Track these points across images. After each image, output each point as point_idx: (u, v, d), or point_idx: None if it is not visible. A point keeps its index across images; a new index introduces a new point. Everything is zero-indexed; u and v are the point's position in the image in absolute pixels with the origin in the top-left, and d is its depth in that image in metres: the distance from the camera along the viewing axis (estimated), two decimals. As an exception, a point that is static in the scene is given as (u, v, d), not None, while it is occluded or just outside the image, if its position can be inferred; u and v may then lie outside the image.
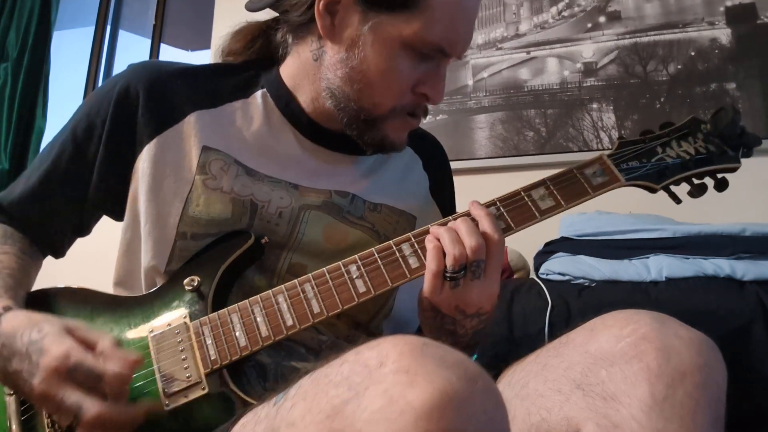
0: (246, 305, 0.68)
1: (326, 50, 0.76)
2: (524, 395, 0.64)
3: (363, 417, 0.41)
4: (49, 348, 0.58)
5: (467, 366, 0.43)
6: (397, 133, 0.78)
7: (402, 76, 0.73)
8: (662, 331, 0.57)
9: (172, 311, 0.69)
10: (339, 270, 0.69)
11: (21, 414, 0.65)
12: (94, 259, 1.53)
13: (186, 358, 0.65)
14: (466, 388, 0.41)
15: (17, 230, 0.80)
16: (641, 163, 0.74)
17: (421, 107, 0.79)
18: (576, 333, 0.64)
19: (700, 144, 0.76)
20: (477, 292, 0.66)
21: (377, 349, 0.44)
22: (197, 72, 0.83)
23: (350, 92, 0.75)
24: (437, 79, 0.76)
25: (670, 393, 0.54)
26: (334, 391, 0.44)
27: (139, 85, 0.77)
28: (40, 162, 0.80)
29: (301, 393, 0.48)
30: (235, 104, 0.81)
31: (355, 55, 0.73)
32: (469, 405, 0.41)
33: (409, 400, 0.40)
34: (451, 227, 0.67)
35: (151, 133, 0.76)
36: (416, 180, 0.90)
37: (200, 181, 0.74)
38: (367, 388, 0.42)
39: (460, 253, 0.64)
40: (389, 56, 0.72)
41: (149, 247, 0.74)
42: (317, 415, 0.44)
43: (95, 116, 0.78)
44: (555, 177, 0.74)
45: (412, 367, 0.41)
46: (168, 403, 0.63)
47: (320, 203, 0.78)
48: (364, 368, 0.44)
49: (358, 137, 0.79)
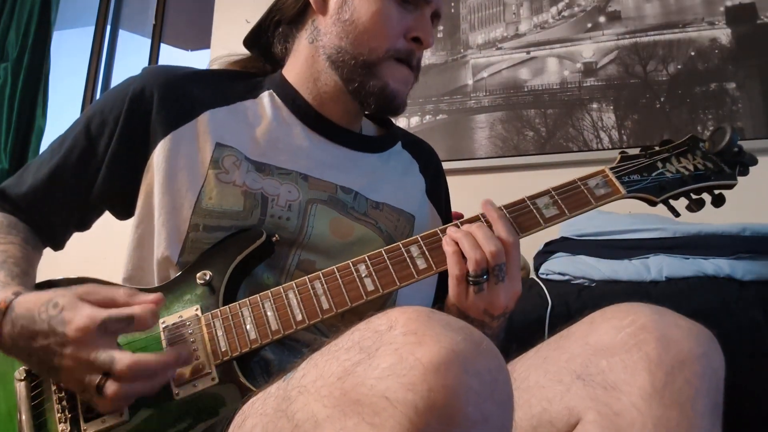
0: (257, 300, 0.70)
1: (319, 26, 0.83)
2: (525, 387, 0.65)
3: (374, 374, 0.43)
4: (71, 317, 0.59)
5: (472, 331, 0.46)
6: (396, 83, 0.82)
7: (391, 17, 0.80)
8: (661, 321, 0.58)
9: (184, 304, 0.71)
10: (348, 268, 0.71)
11: (31, 399, 0.65)
12: (95, 259, 1.53)
13: (197, 350, 0.67)
14: (471, 348, 0.44)
15: (21, 220, 0.81)
16: (642, 177, 0.78)
17: (416, 56, 0.83)
18: (576, 326, 0.66)
19: (698, 161, 0.79)
20: (503, 295, 0.69)
21: (386, 316, 0.47)
22: (208, 75, 0.88)
23: (346, 44, 0.81)
24: (425, 23, 0.82)
25: (669, 381, 0.55)
26: (345, 355, 0.46)
27: (154, 86, 0.80)
28: (50, 155, 0.81)
29: (312, 362, 0.50)
30: (246, 103, 0.85)
31: (346, 11, 0.81)
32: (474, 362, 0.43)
33: (418, 356, 0.42)
34: (468, 232, 0.69)
35: (165, 129, 0.79)
36: (414, 182, 0.94)
37: (213, 175, 0.76)
38: (377, 349, 0.44)
39: (481, 257, 0.67)
40: (375, 1, 0.79)
41: (163, 238, 0.75)
42: (329, 378, 0.46)
43: (109, 113, 0.80)
44: (560, 187, 0.77)
45: (420, 329, 0.44)
46: (178, 393, 0.64)
47: (326, 198, 0.81)
48: (375, 333, 0.46)
49: (359, 90, 0.82)
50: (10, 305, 0.63)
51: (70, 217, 0.83)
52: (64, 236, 0.85)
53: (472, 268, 0.67)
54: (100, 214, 0.86)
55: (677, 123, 1.75)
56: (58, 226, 0.83)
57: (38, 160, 0.83)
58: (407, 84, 0.84)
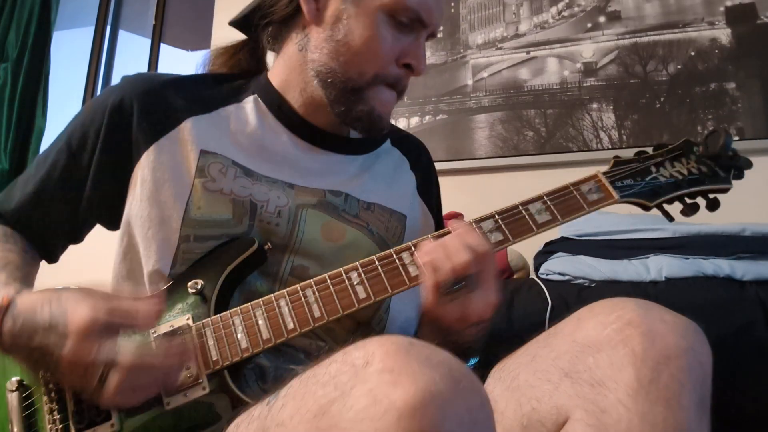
0: (248, 308, 0.69)
1: (311, 36, 0.80)
2: (515, 387, 0.65)
3: (348, 416, 0.41)
4: (73, 314, 0.59)
5: (452, 366, 0.44)
6: (382, 107, 0.81)
7: (385, 42, 0.77)
8: (647, 316, 0.58)
9: (176, 314, 0.70)
10: (340, 276, 0.70)
11: (23, 410, 0.65)
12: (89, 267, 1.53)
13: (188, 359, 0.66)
14: (450, 388, 0.42)
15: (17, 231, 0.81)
16: (635, 182, 0.77)
17: (403, 83, 0.82)
18: (564, 323, 0.65)
19: (692, 165, 0.79)
20: (475, 303, 0.68)
21: (364, 349, 0.45)
22: (188, 81, 0.86)
23: (337, 65, 0.78)
24: (419, 50, 0.80)
25: (655, 376, 0.54)
26: (322, 390, 0.45)
27: (134, 96, 0.79)
28: (36, 170, 0.81)
29: (291, 393, 0.49)
30: (229, 108, 0.83)
31: (340, 30, 0.78)
32: (452, 404, 0.41)
33: (392, 399, 0.40)
34: (440, 243, 0.69)
35: (147, 140, 0.77)
36: (404, 180, 0.93)
37: (200, 184, 0.75)
38: (352, 388, 0.43)
39: (451, 269, 0.67)
40: (372, 24, 0.76)
41: (153, 251, 0.74)
42: (305, 414, 0.45)
43: (89, 126, 0.79)
44: (552, 192, 0.76)
45: (397, 367, 0.42)
46: (169, 402, 0.64)
47: (316, 202, 0.80)
48: (351, 368, 0.44)
49: (346, 114, 0.80)
50: (13, 301, 0.62)
51: (59, 231, 0.82)
52: (56, 249, 0.85)
53: (442, 280, 0.67)
54: (92, 227, 0.85)
55: (677, 123, 1.75)
56: (50, 241, 0.83)
57: (25, 176, 0.83)
58: (391, 105, 0.83)
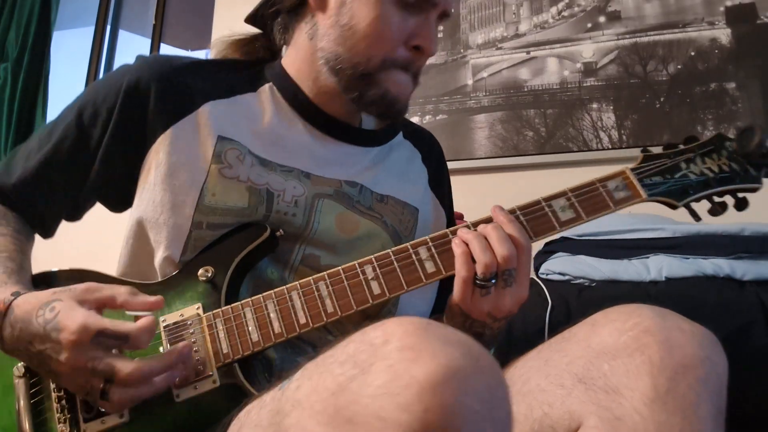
0: (260, 300, 0.68)
1: (318, 23, 0.79)
2: (526, 391, 0.64)
3: (368, 392, 0.41)
4: (65, 324, 0.58)
5: (470, 345, 0.44)
6: (397, 88, 0.78)
7: (391, 24, 0.75)
8: (664, 324, 0.57)
9: (186, 302, 0.70)
10: (354, 270, 0.69)
11: (30, 397, 0.65)
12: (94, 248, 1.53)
13: (198, 350, 0.66)
14: (469, 365, 0.42)
15: (11, 209, 0.79)
16: (664, 179, 0.73)
17: (416, 64, 0.79)
18: (578, 328, 0.64)
19: (723, 162, 0.75)
20: (509, 299, 0.67)
21: (382, 328, 0.45)
22: (206, 65, 0.85)
23: (343, 51, 0.77)
24: (428, 29, 0.76)
25: (672, 386, 0.53)
26: (339, 369, 0.45)
27: (151, 78, 0.77)
28: (39, 144, 0.79)
29: (307, 374, 0.49)
30: (246, 96, 0.82)
31: (344, 14, 0.76)
32: (472, 380, 0.41)
33: (413, 374, 0.40)
34: (480, 233, 0.67)
35: (165, 124, 0.76)
36: (417, 173, 0.92)
37: (216, 170, 0.74)
38: (372, 365, 0.43)
39: (491, 261, 0.65)
40: (376, 5, 0.74)
41: (163, 237, 0.73)
42: (323, 392, 0.44)
43: (101, 104, 0.77)
44: (577, 188, 0.72)
45: (417, 344, 0.42)
46: (178, 395, 0.64)
47: (332, 192, 0.79)
48: (370, 346, 0.44)
49: (359, 99, 0.79)
50: (10, 307, 0.62)
51: (60, 208, 0.81)
52: (53, 225, 0.83)
53: (480, 271, 0.65)
54: (92, 206, 0.84)
55: (677, 123, 1.75)
56: (48, 217, 0.81)
57: (25, 150, 0.80)
58: (407, 88, 0.80)
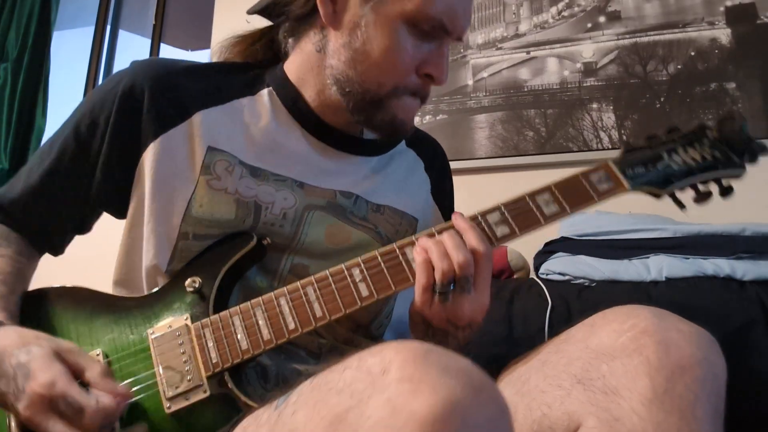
0: (248, 307, 0.68)
1: (329, 39, 0.77)
2: (525, 391, 0.64)
3: (366, 426, 0.40)
4: (36, 373, 0.57)
5: (472, 374, 0.43)
6: (404, 113, 0.77)
7: (405, 53, 0.73)
8: (662, 325, 0.57)
9: (174, 313, 0.69)
10: (342, 273, 0.68)
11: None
12: (90, 259, 1.53)
13: (187, 361, 0.65)
14: (470, 397, 0.41)
15: (14, 230, 0.79)
16: (647, 170, 0.74)
17: (424, 90, 0.78)
18: (576, 329, 0.65)
19: (706, 150, 0.76)
20: (467, 306, 0.65)
21: (380, 355, 0.44)
22: (202, 69, 0.83)
23: (354, 75, 0.75)
24: (440, 59, 0.75)
25: (670, 386, 0.54)
26: (337, 398, 0.44)
27: (145, 83, 0.76)
28: (40, 159, 0.79)
29: (303, 400, 0.48)
30: (243, 101, 0.81)
31: (358, 37, 0.74)
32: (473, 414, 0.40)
33: (412, 409, 0.39)
34: (438, 240, 0.66)
35: (156, 131, 0.75)
36: (418, 182, 0.90)
37: (204, 181, 0.74)
38: (370, 397, 0.42)
39: (448, 268, 0.64)
40: (391, 33, 0.72)
41: (151, 245, 0.73)
42: (319, 422, 0.44)
43: (99, 113, 0.76)
44: (560, 183, 0.73)
45: (416, 375, 0.41)
46: (169, 406, 0.63)
47: (324, 203, 0.78)
48: (367, 375, 0.43)
49: (366, 122, 0.78)
50: None
51: (66, 221, 0.80)
52: (62, 241, 0.83)
53: (438, 279, 0.64)
54: (99, 216, 0.84)
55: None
56: (55, 232, 0.81)
57: (28, 167, 0.80)
58: (414, 111, 0.79)
